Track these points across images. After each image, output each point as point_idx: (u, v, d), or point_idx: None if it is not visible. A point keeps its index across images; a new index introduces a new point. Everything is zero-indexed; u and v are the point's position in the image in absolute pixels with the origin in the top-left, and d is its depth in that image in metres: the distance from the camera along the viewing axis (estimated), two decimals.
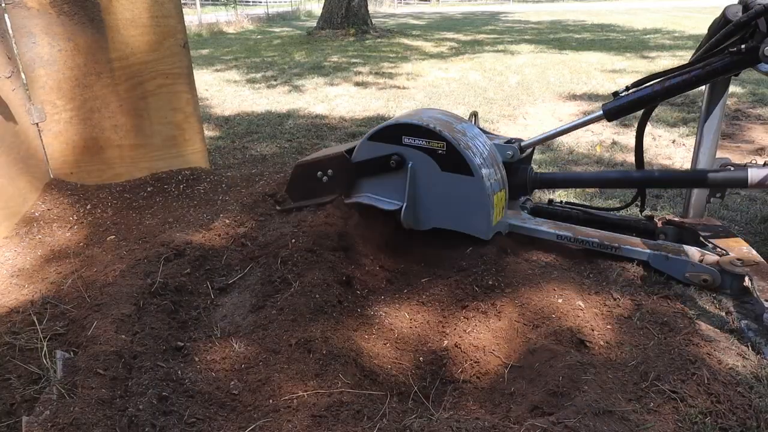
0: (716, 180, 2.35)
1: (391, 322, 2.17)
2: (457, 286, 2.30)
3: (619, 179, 2.71)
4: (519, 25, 17.41)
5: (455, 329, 2.10)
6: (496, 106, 5.99)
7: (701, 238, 2.52)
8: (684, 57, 8.51)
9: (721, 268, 2.26)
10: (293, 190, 2.89)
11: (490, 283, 2.27)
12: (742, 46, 2.09)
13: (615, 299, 2.20)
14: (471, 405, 1.80)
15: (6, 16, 2.95)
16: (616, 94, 2.49)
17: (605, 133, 4.83)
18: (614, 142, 4.49)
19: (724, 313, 2.16)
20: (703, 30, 2.44)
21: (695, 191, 2.65)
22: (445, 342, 2.09)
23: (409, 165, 2.48)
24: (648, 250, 2.41)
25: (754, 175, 2.25)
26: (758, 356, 1.90)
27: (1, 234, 2.77)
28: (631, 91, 2.44)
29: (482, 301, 2.17)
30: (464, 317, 2.13)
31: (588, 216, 2.74)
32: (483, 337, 2.01)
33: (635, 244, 2.46)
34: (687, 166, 3.78)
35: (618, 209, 2.83)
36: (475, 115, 2.87)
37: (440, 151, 2.42)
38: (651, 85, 2.40)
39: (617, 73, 7.80)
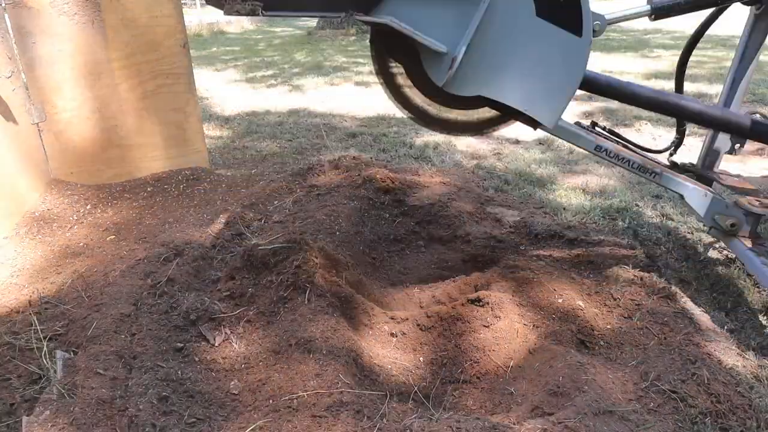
0: None
1: (392, 322, 2.17)
2: (457, 286, 2.30)
3: (676, 104, 2.07)
4: None
5: (455, 329, 2.10)
6: None
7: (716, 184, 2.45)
8: None
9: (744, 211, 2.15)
10: None
11: (491, 283, 2.27)
12: None
13: (615, 299, 2.20)
14: (471, 405, 1.80)
15: (6, 16, 2.95)
16: None
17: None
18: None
19: (724, 314, 2.16)
20: None
21: (716, 141, 2.48)
22: (445, 342, 2.09)
23: None
24: (688, 184, 2.16)
25: None
26: (758, 356, 1.90)
27: (1, 234, 2.77)
28: None
29: (482, 301, 2.17)
30: (464, 317, 2.13)
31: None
32: (483, 337, 2.01)
33: (676, 175, 2.20)
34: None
35: (660, 152, 2.52)
36: None
37: None
38: None
39: (617, 73, 7.79)
